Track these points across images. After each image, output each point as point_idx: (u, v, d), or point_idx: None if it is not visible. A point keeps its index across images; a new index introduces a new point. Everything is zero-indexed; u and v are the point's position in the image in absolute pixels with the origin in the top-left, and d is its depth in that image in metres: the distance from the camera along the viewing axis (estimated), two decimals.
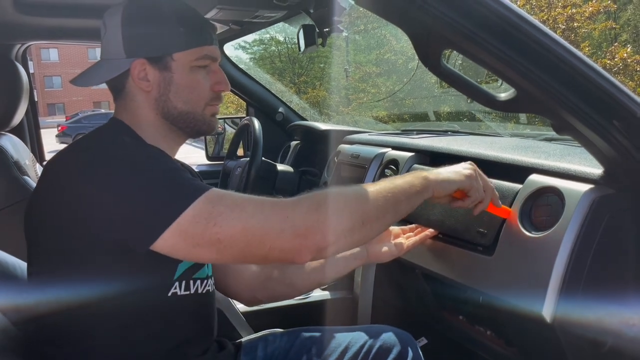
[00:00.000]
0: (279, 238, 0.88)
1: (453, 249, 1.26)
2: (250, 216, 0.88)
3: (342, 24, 1.76)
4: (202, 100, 1.05)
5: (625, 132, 0.94)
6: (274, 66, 22.21)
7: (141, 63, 1.00)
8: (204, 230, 0.86)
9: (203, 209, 0.86)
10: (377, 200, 0.96)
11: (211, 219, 0.86)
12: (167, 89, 1.02)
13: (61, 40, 2.33)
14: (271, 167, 2.37)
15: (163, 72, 1.01)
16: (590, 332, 1.04)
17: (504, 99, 0.98)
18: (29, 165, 1.89)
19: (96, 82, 1.04)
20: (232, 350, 1.17)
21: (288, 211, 0.90)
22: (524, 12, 0.88)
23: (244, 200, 0.91)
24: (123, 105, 1.05)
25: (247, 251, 0.90)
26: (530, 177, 1.18)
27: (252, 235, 0.88)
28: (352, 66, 14.84)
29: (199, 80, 1.04)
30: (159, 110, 1.03)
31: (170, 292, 0.98)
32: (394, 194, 0.98)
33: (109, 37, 1.02)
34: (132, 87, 1.03)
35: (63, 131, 21.08)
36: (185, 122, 1.05)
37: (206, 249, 0.88)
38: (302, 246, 0.89)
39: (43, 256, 0.97)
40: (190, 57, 1.02)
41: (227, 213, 0.87)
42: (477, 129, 2.59)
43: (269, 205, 0.90)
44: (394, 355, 1.13)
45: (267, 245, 0.89)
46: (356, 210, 0.95)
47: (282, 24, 1.99)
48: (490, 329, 1.46)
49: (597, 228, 1.03)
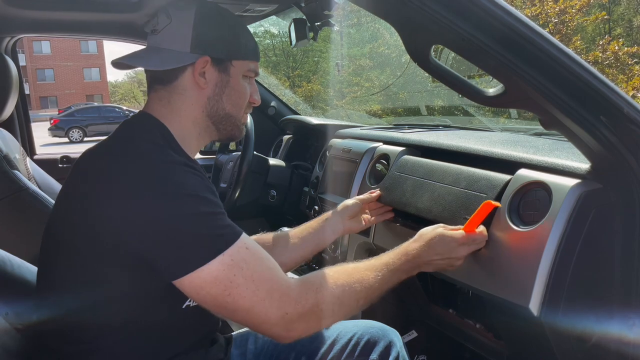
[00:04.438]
0: (271, 328, 0.95)
1: None
2: (258, 302, 0.92)
3: (334, 18, 1.75)
4: (243, 107, 1.13)
5: (612, 128, 0.95)
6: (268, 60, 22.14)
7: (205, 60, 1.04)
8: (218, 294, 0.91)
9: (226, 273, 0.90)
10: (367, 297, 1.04)
11: (228, 288, 0.90)
12: (222, 90, 1.08)
13: (51, 33, 2.31)
14: (263, 162, 2.37)
15: (222, 74, 1.07)
16: (576, 325, 1.05)
17: (493, 95, 0.99)
18: (19, 159, 1.88)
19: (157, 66, 1.05)
20: (223, 343, 1.18)
21: (290, 307, 0.94)
22: (512, 7, 0.89)
23: (261, 278, 0.94)
24: (165, 97, 1.06)
25: (242, 321, 0.97)
26: (519, 172, 1.19)
27: (253, 316, 0.93)
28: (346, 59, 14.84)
29: (245, 88, 1.11)
30: (207, 108, 1.07)
31: (185, 305, 0.99)
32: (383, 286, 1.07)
33: (175, 28, 1.05)
34: (188, 81, 1.05)
35: (56, 124, 20.93)
36: (226, 124, 1.11)
37: (213, 306, 0.93)
38: (289, 337, 0.97)
39: (64, 259, 0.97)
40: (245, 67, 1.10)
41: (242, 288, 0.91)
42: (469, 123, 2.60)
43: (277, 295, 0.94)
44: (382, 347, 1.15)
45: (261, 328, 0.96)
46: (348, 310, 1.03)
47: (275, 17, 1.98)
48: (480, 322, 1.47)
49: (584, 222, 1.04)
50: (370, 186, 1.69)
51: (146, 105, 1.08)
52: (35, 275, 1.07)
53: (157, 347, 0.98)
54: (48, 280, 1.00)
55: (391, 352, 1.14)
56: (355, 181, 1.79)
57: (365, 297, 1.03)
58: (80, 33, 2.27)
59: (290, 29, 1.75)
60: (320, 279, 1.01)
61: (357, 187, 1.78)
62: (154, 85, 1.07)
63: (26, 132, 2.57)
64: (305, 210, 2.25)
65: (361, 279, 1.04)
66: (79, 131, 20.59)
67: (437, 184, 1.37)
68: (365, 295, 1.03)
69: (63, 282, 0.96)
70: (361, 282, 1.03)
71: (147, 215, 0.88)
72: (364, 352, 1.14)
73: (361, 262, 1.09)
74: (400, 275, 1.10)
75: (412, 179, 1.46)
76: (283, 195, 2.42)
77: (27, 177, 1.84)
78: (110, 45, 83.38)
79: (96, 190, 0.92)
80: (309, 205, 2.20)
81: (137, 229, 0.88)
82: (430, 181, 1.40)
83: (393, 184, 1.52)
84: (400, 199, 1.46)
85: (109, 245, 0.89)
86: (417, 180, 1.44)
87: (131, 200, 0.89)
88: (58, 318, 0.96)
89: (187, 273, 0.88)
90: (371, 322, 1.21)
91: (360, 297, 1.02)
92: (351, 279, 1.02)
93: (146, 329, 0.96)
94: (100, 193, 0.91)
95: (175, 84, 1.05)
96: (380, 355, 1.14)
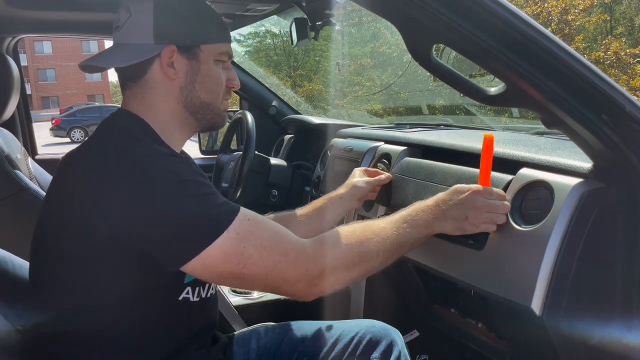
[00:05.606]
0: (294, 286, 0.96)
1: (444, 242, 1.27)
2: (275, 264, 0.93)
3: (335, 17, 1.75)
4: (220, 93, 1.08)
5: (614, 127, 0.95)
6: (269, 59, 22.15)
7: (171, 50, 1.00)
8: (233, 268, 0.91)
9: (235, 247, 0.90)
10: (387, 250, 1.05)
11: (241, 260, 0.91)
12: (193, 78, 1.03)
13: (52, 33, 2.32)
14: (264, 161, 2.37)
15: (191, 61, 1.03)
16: (578, 325, 1.05)
17: (494, 94, 0.99)
18: (20, 159, 1.88)
19: (119, 63, 1.02)
20: (225, 343, 1.18)
21: (309, 264, 0.96)
22: (514, 6, 0.88)
23: (271, 244, 0.94)
24: (139, 93, 1.03)
25: (264, 288, 0.99)
26: (521, 171, 1.18)
27: (272, 280, 0.95)
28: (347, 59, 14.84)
29: (219, 74, 1.07)
30: (181, 99, 1.04)
31: (182, 297, 0.98)
32: (399, 242, 1.07)
33: (135, 21, 1.01)
34: (157, 73, 1.02)
35: (57, 124, 20.96)
36: (204, 113, 1.07)
37: (232, 280, 0.96)
38: (312, 294, 0.98)
39: (53, 257, 0.97)
40: (215, 51, 1.05)
41: (255, 256, 0.92)
42: (470, 122, 2.59)
43: (293, 254, 0.95)
44: (383, 347, 1.14)
45: (283, 289, 0.97)
46: (370, 264, 1.04)
47: (276, 16, 1.98)
48: (482, 321, 1.47)
49: (586, 221, 1.04)
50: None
51: (123, 103, 1.06)
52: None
53: (156, 345, 0.98)
54: (44, 281, 1.00)
55: (392, 351, 1.14)
56: None
57: (385, 250, 1.04)
58: (81, 33, 2.28)
59: (291, 28, 1.75)
60: (335, 235, 1.02)
61: None
62: (126, 83, 1.04)
63: (27, 132, 2.57)
64: None
65: (378, 232, 1.05)
66: (81, 131, 20.60)
67: (439, 185, 1.36)
68: (384, 248, 1.04)
69: (62, 281, 0.96)
70: (378, 234, 1.04)
71: (144, 208, 0.88)
72: (366, 351, 1.14)
73: (377, 219, 1.10)
74: (420, 230, 1.09)
75: (414, 181, 1.46)
76: (284, 195, 2.41)
77: (28, 177, 1.84)
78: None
79: (87, 192, 0.90)
80: None
81: (135, 223, 0.88)
82: (432, 183, 1.40)
83: (395, 186, 1.52)
84: (403, 201, 1.45)
85: (108, 244, 0.89)
86: (419, 183, 1.44)
87: (124, 198, 0.88)
88: (57, 318, 0.96)
89: (196, 255, 0.88)
90: (373, 321, 1.21)
91: (380, 250, 1.03)
92: (368, 233, 1.04)
93: (143, 325, 0.96)
94: (92, 195, 0.89)
95: (146, 79, 1.02)
96: (382, 355, 1.14)
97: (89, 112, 22.01)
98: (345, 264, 1.00)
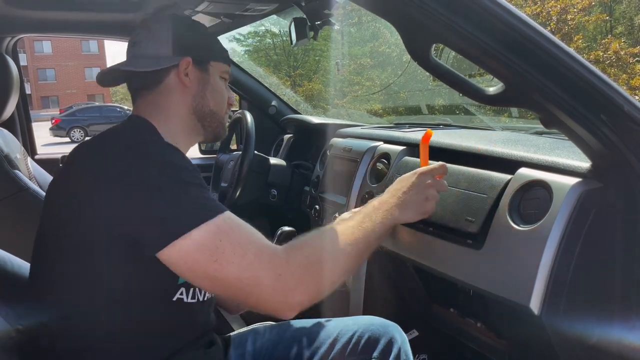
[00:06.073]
0: (269, 295, 0.95)
1: (443, 242, 1.27)
2: (247, 266, 0.93)
3: (334, 17, 1.75)
4: (224, 106, 1.21)
5: (612, 126, 0.95)
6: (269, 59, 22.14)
7: (187, 61, 1.12)
8: (205, 262, 0.91)
9: (212, 239, 0.91)
10: (358, 250, 1.07)
11: (215, 254, 0.91)
12: (205, 87, 1.15)
13: (52, 33, 2.32)
14: (264, 161, 2.37)
15: (203, 73, 1.15)
16: (577, 325, 1.05)
17: (493, 93, 0.99)
18: (20, 159, 1.88)
19: (145, 67, 1.10)
20: (221, 345, 1.18)
21: (282, 268, 0.95)
22: (513, 6, 0.88)
23: (248, 243, 0.95)
24: (152, 100, 1.12)
25: (238, 297, 0.98)
26: (519, 171, 1.18)
27: (245, 286, 0.93)
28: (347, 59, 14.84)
29: (224, 88, 1.21)
30: (192, 106, 1.15)
31: (176, 297, 1.00)
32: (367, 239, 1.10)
33: (156, 36, 1.13)
34: (173, 81, 1.12)
35: (57, 124, 20.95)
36: (211, 121, 1.18)
37: (203, 277, 0.93)
38: (288, 306, 0.96)
39: (52, 256, 0.99)
40: (221, 69, 1.19)
41: (228, 253, 0.92)
42: (470, 122, 2.60)
43: (267, 257, 0.95)
44: (383, 345, 1.14)
45: (255, 298, 0.95)
46: (342, 267, 1.06)
47: (275, 16, 1.98)
48: (481, 321, 1.47)
49: (584, 221, 1.04)
50: (371, 185, 1.70)
51: (134, 110, 1.13)
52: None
53: (152, 347, 0.99)
54: (43, 280, 1.01)
55: (392, 349, 1.14)
56: (356, 180, 1.79)
57: (355, 250, 1.06)
58: (81, 33, 2.28)
59: (290, 28, 1.75)
60: (304, 239, 1.04)
61: (358, 186, 1.78)
62: (139, 92, 1.13)
63: (27, 132, 2.57)
64: (306, 210, 2.25)
65: (344, 231, 1.07)
66: (81, 131, 20.61)
67: None
68: (354, 247, 1.06)
69: (60, 280, 0.97)
70: (345, 233, 1.07)
71: (135, 193, 0.91)
72: (366, 350, 1.14)
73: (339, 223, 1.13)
74: (381, 227, 1.13)
75: None
76: (284, 195, 2.42)
77: (28, 177, 1.84)
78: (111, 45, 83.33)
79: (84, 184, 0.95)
80: (310, 204, 2.20)
81: (126, 209, 0.90)
82: None
83: None
84: None
85: (101, 233, 0.91)
86: None
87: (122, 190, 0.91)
88: (55, 318, 0.97)
89: (173, 240, 0.89)
90: (372, 318, 1.21)
91: (350, 251, 1.06)
92: (335, 234, 1.07)
93: (140, 325, 0.97)
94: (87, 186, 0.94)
95: (161, 87, 1.12)
96: (381, 353, 1.14)
97: (89, 111, 22.02)
98: (318, 268, 1.00)
